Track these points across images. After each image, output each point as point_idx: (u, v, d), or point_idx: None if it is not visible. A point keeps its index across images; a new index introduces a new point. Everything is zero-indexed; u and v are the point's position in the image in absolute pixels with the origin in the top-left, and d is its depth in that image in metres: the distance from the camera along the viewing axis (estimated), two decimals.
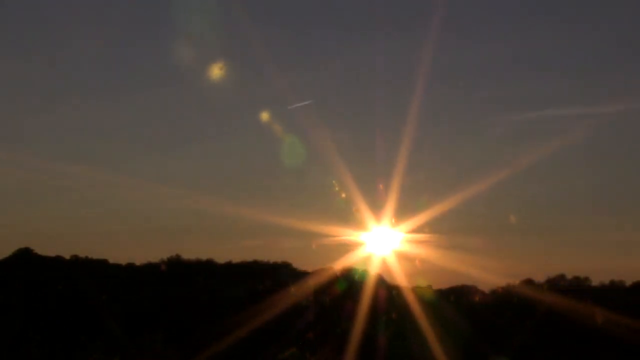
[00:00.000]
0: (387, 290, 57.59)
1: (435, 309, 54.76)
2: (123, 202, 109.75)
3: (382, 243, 63.66)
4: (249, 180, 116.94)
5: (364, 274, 58.80)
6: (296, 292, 57.42)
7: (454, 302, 64.18)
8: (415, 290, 59.10)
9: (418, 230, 64.97)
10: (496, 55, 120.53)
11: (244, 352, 45.98)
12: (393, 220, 60.02)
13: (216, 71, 68.47)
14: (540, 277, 79.16)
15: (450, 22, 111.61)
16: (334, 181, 62.72)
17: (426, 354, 48.49)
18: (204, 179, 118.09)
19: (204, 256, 77.80)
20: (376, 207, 63.92)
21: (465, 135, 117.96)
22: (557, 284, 77.54)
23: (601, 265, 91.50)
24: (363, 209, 60.27)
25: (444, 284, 76.48)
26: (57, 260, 72.11)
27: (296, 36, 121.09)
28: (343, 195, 59.91)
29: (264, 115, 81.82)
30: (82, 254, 74.87)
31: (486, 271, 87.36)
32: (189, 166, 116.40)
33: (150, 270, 74.31)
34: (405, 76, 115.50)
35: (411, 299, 56.45)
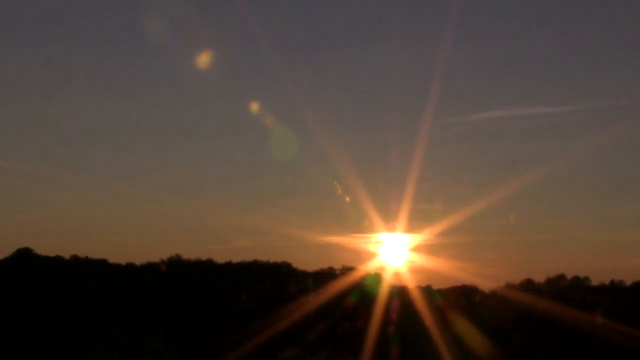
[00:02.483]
0: (397, 299, 57.53)
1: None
2: (123, 202, 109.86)
3: (389, 248, 63.72)
4: (250, 181, 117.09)
5: (375, 284, 58.61)
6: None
7: (454, 302, 64.22)
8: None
9: (420, 231, 65.09)
10: (506, 55, 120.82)
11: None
12: (397, 224, 60.12)
13: (206, 60, 68.35)
14: (540, 277, 79.37)
15: (458, 24, 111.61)
16: (334, 182, 62.78)
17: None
18: (206, 178, 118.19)
19: (204, 256, 77.85)
20: (380, 210, 63.89)
21: (465, 135, 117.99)
22: (557, 284, 77.58)
23: (601, 265, 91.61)
24: (366, 212, 60.34)
25: (444, 284, 76.68)
26: (57, 260, 72.04)
27: (303, 35, 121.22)
28: (347, 198, 59.92)
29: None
30: (82, 254, 74.91)
31: (486, 271, 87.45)
32: (190, 166, 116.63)
33: (150, 270, 74.19)
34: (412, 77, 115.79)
35: (421, 307, 56.52)
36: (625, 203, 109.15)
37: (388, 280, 62.41)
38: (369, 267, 67.75)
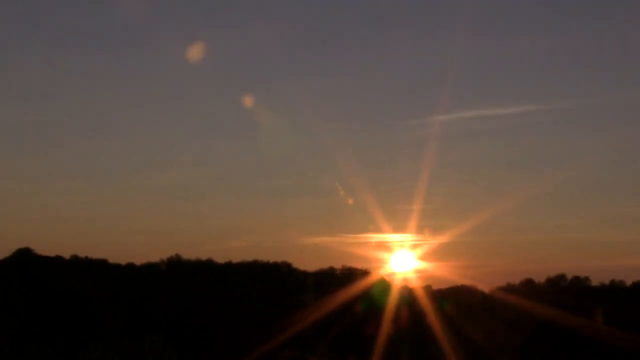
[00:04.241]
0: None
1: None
2: (123, 202, 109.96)
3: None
4: (250, 181, 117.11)
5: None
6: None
7: (454, 302, 64.12)
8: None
9: (419, 231, 65.01)
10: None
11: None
12: (396, 224, 60.29)
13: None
14: (540, 277, 79.31)
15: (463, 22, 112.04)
16: (336, 184, 62.94)
17: None
18: (206, 178, 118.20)
19: (204, 256, 77.69)
20: (379, 210, 63.78)
21: (464, 134, 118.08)
22: (557, 284, 77.48)
23: (601, 265, 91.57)
24: (366, 212, 60.41)
25: (444, 284, 76.63)
26: (57, 260, 71.95)
27: (305, 34, 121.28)
28: (350, 201, 60.02)
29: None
30: (82, 254, 74.80)
31: (486, 271, 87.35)
32: (189, 166, 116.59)
33: (150, 270, 74.10)
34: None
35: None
36: (625, 203, 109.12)
37: (391, 281, 62.39)
38: (370, 268, 67.73)
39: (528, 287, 74.99)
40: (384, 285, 61.03)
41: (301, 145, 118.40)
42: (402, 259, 63.95)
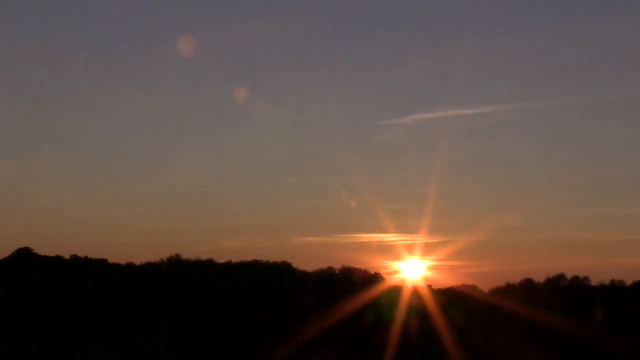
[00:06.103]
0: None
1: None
2: (123, 202, 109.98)
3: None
4: (250, 181, 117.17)
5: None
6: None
7: (454, 303, 64.12)
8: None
9: (418, 232, 65.07)
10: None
11: None
12: (395, 225, 60.30)
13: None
14: (540, 277, 79.29)
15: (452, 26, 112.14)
16: (338, 186, 63.01)
17: None
18: (206, 178, 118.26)
19: (204, 256, 77.60)
20: (379, 210, 63.76)
21: (463, 132, 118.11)
22: (557, 284, 77.42)
23: (601, 265, 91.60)
24: (366, 212, 60.47)
25: (444, 284, 76.63)
26: (57, 260, 71.88)
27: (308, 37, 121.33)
28: (353, 202, 60.06)
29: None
30: (82, 254, 74.72)
31: (486, 271, 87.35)
32: (189, 166, 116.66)
33: (150, 270, 74.01)
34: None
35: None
36: (625, 203, 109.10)
37: (394, 284, 62.24)
38: (369, 268, 67.68)
39: (528, 287, 74.95)
40: (391, 292, 60.91)
41: (301, 145, 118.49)
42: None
